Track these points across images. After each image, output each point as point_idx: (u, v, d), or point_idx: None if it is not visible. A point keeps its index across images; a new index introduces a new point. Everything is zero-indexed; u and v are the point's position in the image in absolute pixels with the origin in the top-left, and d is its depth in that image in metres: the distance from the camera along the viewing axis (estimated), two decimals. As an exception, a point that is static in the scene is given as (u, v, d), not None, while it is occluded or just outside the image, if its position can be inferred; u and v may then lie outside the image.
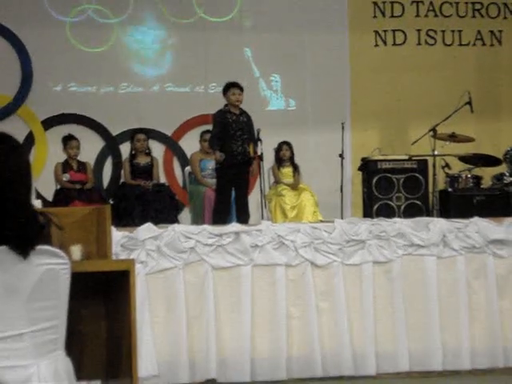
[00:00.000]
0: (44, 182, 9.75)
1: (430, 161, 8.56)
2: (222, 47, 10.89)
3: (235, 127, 8.12)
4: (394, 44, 11.30)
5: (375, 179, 8.32)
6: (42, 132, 10.58)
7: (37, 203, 7.92)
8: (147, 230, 6.60)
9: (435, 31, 11.37)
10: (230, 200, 8.28)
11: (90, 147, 10.06)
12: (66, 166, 9.09)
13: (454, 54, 11.34)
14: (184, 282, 6.57)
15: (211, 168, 9.13)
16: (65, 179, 8.99)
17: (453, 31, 11.40)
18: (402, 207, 8.21)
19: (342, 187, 9.08)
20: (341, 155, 9.09)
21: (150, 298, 6.47)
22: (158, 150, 10.31)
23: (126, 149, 9.93)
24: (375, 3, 11.30)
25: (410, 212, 8.01)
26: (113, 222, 4.69)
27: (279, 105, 11.13)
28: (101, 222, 4.45)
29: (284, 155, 9.24)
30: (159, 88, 10.93)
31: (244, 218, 7.97)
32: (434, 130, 8.71)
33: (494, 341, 6.94)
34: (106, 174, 10.72)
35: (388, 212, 8.02)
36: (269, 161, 9.00)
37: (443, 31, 11.38)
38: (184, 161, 10.56)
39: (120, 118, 10.64)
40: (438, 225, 7.02)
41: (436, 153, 8.64)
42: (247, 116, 8.27)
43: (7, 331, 3.13)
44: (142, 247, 6.52)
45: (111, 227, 4.46)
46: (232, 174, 8.13)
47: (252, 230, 6.78)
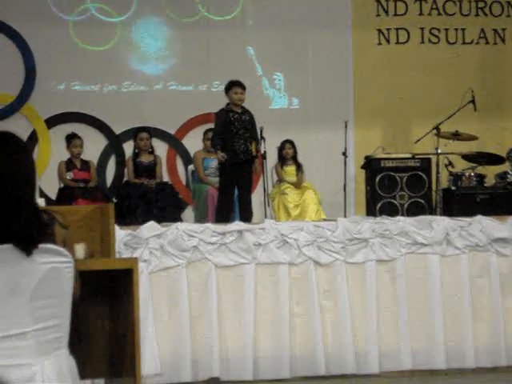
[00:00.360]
0: (47, 181, 9.76)
1: (434, 159, 8.56)
2: (225, 46, 10.89)
3: (237, 126, 8.12)
4: (398, 42, 11.29)
5: (378, 178, 8.32)
6: (45, 130, 10.58)
7: (40, 202, 7.94)
8: (150, 228, 6.60)
9: (438, 29, 11.35)
10: (233, 199, 8.29)
11: (93, 146, 10.07)
12: (69, 165, 9.10)
13: (458, 52, 11.32)
14: (187, 281, 6.57)
15: (214, 166, 9.13)
16: (68, 178, 9.00)
17: (456, 29, 11.38)
18: (406, 205, 8.21)
19: (345, 186, 9.08)
20: (344, 153, 9.09)
21: (153, 297, 6.47)
22: (161, 148, 10.31)
23: (129, 147, 9.93)
24: (378, 1, 11.28)
25: (414, 210, 8.01)
26: (116, 221, 4.70)
27: (282, 103, 11.12)
28: (104, 221, 4.46)
29: (287, 154, 9.23)
30: (162, 86, 10.92)
31: (247, 216, 7.97)
32: (437, 128, 8.72)
33: (498, 339, 6.94)
34: (109, 172, 10.72)
35: (391, 210, 8.01)
36: (272, 159, 9.00)
37: (446, 29, 11.36)
38: (187, 159, 10.56)
39: (123, 117, 10.64)
40: (442, 223, 7.02)
41: (439, 151, 8.64)
42: (249, 114, 8.26)
43: (11, 329, 3.13)
44: (146, 246, 6.53)
45: (114, 226, 4.47)
46: (235, 173, 8.13)
47: (255, 228, 6.78)
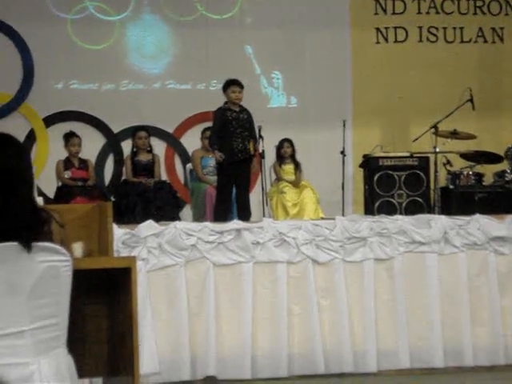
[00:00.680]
0: (45, 180, 9.75)
1: (432, 158, 8.56)
2: (223, 44, 10.89)
3: (235, 125, 8.11)
4: (396, 41, 11.29)
5: (376, 176, 8.32)
6: (43, 129, 10.58)
7: (38, 200, 7.94)
8: (149, 227, 6.60)
9: (437, 28, 11.36)
10: (231, 198, 8.28)
11: (91, 144, 10.06)
12: (67, 164, 9.09)
13: (456, 51, 11.32)
14: (185, 280, 6.57)
15: (212, 165, 9.13)
16: (66, 176, 8.99)
17: (454, 28, 11.39)
18: (404, 204, 8.21)
19: (343, 184, 9.09)
20: (342, 152, 9.09)
21: (151, 296, 6.47)
22: (159, 147, 10.31)
23: (127, 146, 9.93)
24: (377, 0, 11.28)
25: (412, 209, 8.01)
26: (114, 220, 4.70)
27: (280, 102, 11.13)
28: (102, 220, 4.46)
29: (285, 152, 9.23)
30: (160, 85, 10.93)
31: (245, 215, 7.97)
32: (435, 127, 8.72)
33: (496, 338, 6.94)
34: (107, 171, 10.73)
35: (389, 209, 8.02)
36: (270, 158, 9.00)
37: (445, 28, 11.37)
38: (185, 158, 10.56)
39: (121, 116, 10.64)
40: (440, 222, 7.02)
41: (437, 150, 8.65)
42: (247, 113, 8.26)
43: (8, 328, 3.13)
44: (144, 244, 6.53)
45: (112, 224, 4.47)
46: (232, 172, 8.12)
47: (253, 227, 6.78)
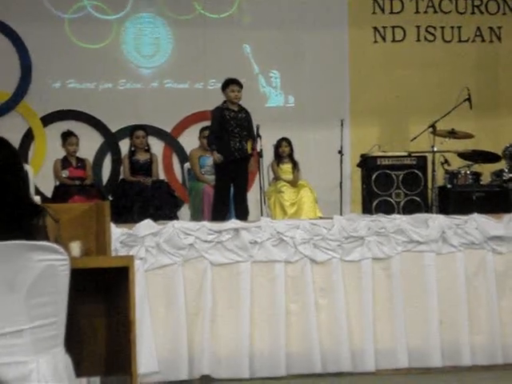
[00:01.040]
0: (43, 179, 9.75)
1: (430, 157, 8.57)
2: (222, 43, 10.89)
3: (233, 124, 8.11)
4: (394, 40, 11.30)
5: (374, 176, 8.32)
6: (40, 128, 10.58)
7: (36, 199, 7.94)
8: (146, 226, 6.60)
9: (434, 27, 11.37)
10: (229, 197, 8.28)
11: (89, 144, 10.06)
12: (65, 163, 9.08)
13: (454, 50, 11.33)
14: (183, 279, 6.57)
15: (210, 165, 9.12)
16: (64, 175, 8.99)
17: (452, 27, 11.40)
18: (402, 203, 8.22)
19: (341, 184, 9.09)
20: (340, 152, 9.10)
21: (149, 295, 6.47)
22: (157, 146, 10.31)
23: (125, 145, 9.92)
24: (375, 0, 11.30)
25: (409, 208, 8.02)
26: (112, 219, 4.69)
27: (278, 101, 11.13)
28: (100, 219, 4.45)
29: (283, 152, 9.23)
30: (158, 84, 10.93)
31: (243, 214, 7.97)
32: (433, 126, 8.72)
33: (494, 337, 6.94)
34: (105, 170, 10.72)
35: (387, 208, 8.02)
36: (268, 157, 9.00)
37: (442, 27, 11.38)
38: (183, 157, 10.56)
39: (119, 115, 10.64)
40: (437, 221, 7.02)
41: (435, 149, 8.65)
42: (246, 112, 8.26)
43: (6, 327, 3.13)
44: (142, 244, 6.52)
45: (110, 224, 4.46)
46: (230, 171, 8.13)
47: (251, 226, 6.78)
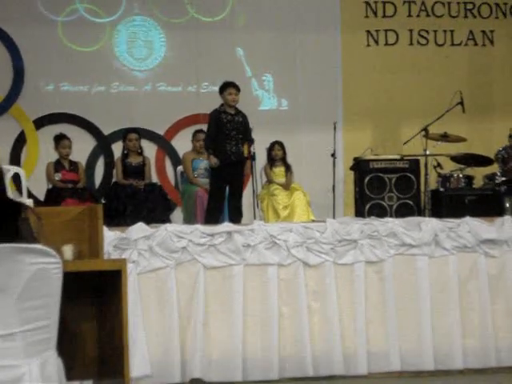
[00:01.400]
0: (35, 182, 9.75)
1: (422, 161, 8.57)
2: (214, 47, 10.89)
3: (230, 127, 8.10)
4: (386, 44, 11.33)
5: (367, 179, 8.32)
6: (33, 131, 10.56)
7: (28, 202, 7.93)
8: (139, 229, 6.59)
9: (427, 31, 11.40)
10: (223, 200, 8.27)
11: (81, 147, 10.05)
12: (57, 166, 9.07)
13: (446, 53, 11.37)
14: (176, 282, 6.56)
15: (203, 168, 9.13)
16: (57, 178, 8.97)
17: (445, 31, 11.43)
18: (394, 207, 8.22)
19: (334, 187, 9.09)
20: (333, 155, 9.10)
21: (141, 298, 6.46)
22: (150, 149, 10.30)
23: (117, 148, 9.92)
24: (367, 3, 11.32)
25: (402, 212, 8.02)
26: (105, 222, 4.69)
27: (271, 104, 11.14)
28: (93, 222, 4.46)
29: (276, 155, 9.23)
30: (151, 87, 10.93)
31: (237, 217, 7.96)
32: (425, 129, 8.73)
33: (486, 340, 6.94)
34: (97, 173, 10.71)
35: (380, 212, 8.02)
36: (261, 160, 9.00)
37: (435, 31, 11.41)
38: (176, 160, 10.56)
39: (112, 118, 10.64)
40: (430, 224, 7.03)
41: (428, 153, 8.66)
42: (243, 116, 8.25)
43: (-2, 331, 3.12)
44: (134, 247, 6.51)
45: (103, 227, 4.47)
46: (226, 174, 8.12)
47: (244, 229, 6.77)
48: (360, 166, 8.52)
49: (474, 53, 11.40)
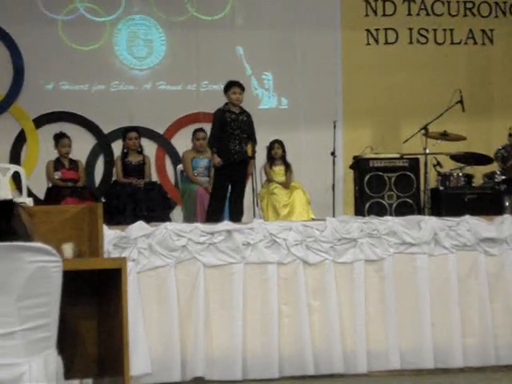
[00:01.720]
0: (35, 180, 9.75)
1: (422, 159, 8.58)
2: (214, 45, 10.89)
3: (233, 126, 8.09)
4: (386, 43, 11.33)
5: (367, 177, 8.33)
6: (33, 130, 10.57)
7: (28, 201, 7.94)
8: (139, 228, 6.59)
9: (427, 30, 11.40)
10: (225, 199, 8.26)
11: (81, 145, 10.05)
12: (57, 164, 9.07)
13: (446, 52, 11.37)
14: (176, 280, 6.57)
15: (203, 166, 9.14)
16: (56, 177, 8.98)
17: (444, 30, 11.43)
18: (394, 205, 8.23)
19: (333, 185, 9.10)
20: (333, 153, 9.10)
21: (141, 296, 6.46)
22: (149, 148, 10.31)
23: (117, 147, 9.92)
24: (367, 2, 11.32)
25: (402, 210, 8.03)
26: (104, 221, 4.70)
27: (271, 103, 11.14)
28: (92, 220, 4.46)
29: (276, 153, 9.24)
30: (151, 86, 10.93)
31: (238, 216, 7.96)
32: (425, 128, 8.74)
33: (486, 339, 6.95)
34: (97, 172, 10.72)
35: (379, 210, 8.03)
36: (261, 159, 9.00)
37: (435, 30, 11.41)
38: (176, 159, 10.56)
39: (112, 116, 10.64)
40: (430, 223, 7.03)
41: (427, 151, 8.67)
42: (247, 115, 8.23)
43: (-2, 329, 3.13)
44: (134, 245, 6.52)
45: (103, 225, 4.47)
46: (229, 173, 8.11)
47: (244, 228, 6.78)
48: (360, 165, 8.53)
49: (473, 51, 11.41)
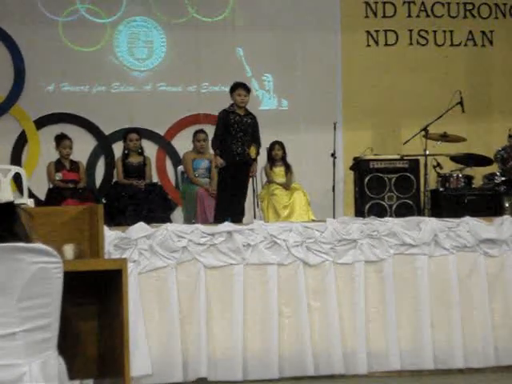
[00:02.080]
0: (36, 181, 9.76)
1: (422, 160, 8.58)
2: (215, 47, 10.90)
3: (237, 128, 8.08)
4: (386, 44, 11.34)
5: (367, 179, 8.33)
6: (34, 131, 10.58)
7: (29, 202, 7.94)
8: (140, 229, 6.61)
9: (427, 31, 11.41)
10: (229, 199, 8.23)
11: (82, 147, 10.06)
12: (58, 166, 9.08)
13: (446, 54, 11.38)
14: (176, 281, 6.58)
15: (204, 167, 9.15)
16: (57, 178, 8.99)
17: (444, 31, 11.44)
18: (394, 206, 8.23)
19: (334, 187, 9.11)
20: (333, 155, 9.11)
21: (142, 297, 6.48)
22: (150, 149, 10.31)
23: (118, 148, 9.93)
24: (367, 3, 11.33)
25: (402, 211, 8.03)
26: (105, 222, 4.71)
27: (271, 104, 11.15)
28: (93, 222, 4.47)
29: (276, 155, 9.24)
30: (151, 87, 10.94)
31: (238, 218, 7.95)
32: (425, 129, 8.74)
33: (486, 340, 6.96)
34: (98, 173, 10.72)
35: (380, 211, 8.03)
36: (261, 160, 9.01)
37: (435, 31, 11.42)
38: (176, 160, 10.56)
39: (112, 118, 10.65)
40: (430, 224, 7.04)
41: (427, 152, 8.67)
42: (252, 118, 8.22)
43: (-1, 330, 3.14)
44: (135, 246, 6.53)
45: (104, 226, 4.48)
46: (231, 174, 8.10)
47: (244, 229, 6.79)
48: (360, 166, 8.53)
49: (473, 53, 11.41)
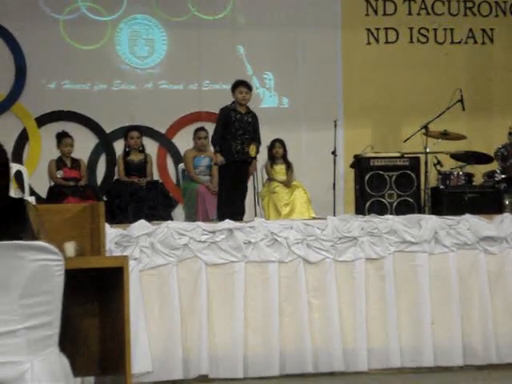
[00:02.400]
0: (38, 179, 9.77)
1: (422, 158, 8.58)
2: (216, 45, 10.91)
3: (237, 126, 8.06)
4: (387, 42, 11.34)
5: (367, 176, 8.34)
6: (35, 129, 10.59)
7: (30, 200, 7.96)
8: (141, 226, 6.62)
9: (427, 29, 11.41)
10: (230, 197, 8.24)
11: (83, 144, 10.07)
12: (59, 163, 9.09)
13: (446, 52, 11.38)
14: (177, 279, 6.59)
15: (205, 165, 9.16)
16: (58, 176, 9.00)
17: (445, 29, 11.44)
18: (394, 204, 8.23)
19: (334, 184, 9.10)
20: (333, 152, 9.11)
21: (143, 295, 6.49)
22: (151, 147, 10.32)
23: (119, 146, 9.93)
24: (368, 1, 11.33)
25: (402, 209, 8.03)
26: (106, 219, 4.72)
27: (272, 102, 11.16)
28: (94, 219, 4.49)
29: (277, 153, 9.25)
30: (153, 85, 10.95)
31: (239, 215, 7.96)
32: (426, 127, 8.74)
33: (486, 337, 6.97)
34: (99, 171, 10.74)
35: (380, 209, 8.03)
36: (262, 158, 9.02)
37: (435, 29, 11.42)
38: (177, 158, 10.58)
39: (114, 116, 10.66)
40: (430, 222, 7.05)
41: (428, 150, 8.66)
42: (253, 116, 8.20)
43: (0, 327, 3.14)
44: (136, 244, 6.54)
45: (105, 224, 4.50)
46: (232, 172, 8.10)
47: (245, 226, 6.80)
48: (360, 164, 8.54)
49: (473, 51, 11.42)
